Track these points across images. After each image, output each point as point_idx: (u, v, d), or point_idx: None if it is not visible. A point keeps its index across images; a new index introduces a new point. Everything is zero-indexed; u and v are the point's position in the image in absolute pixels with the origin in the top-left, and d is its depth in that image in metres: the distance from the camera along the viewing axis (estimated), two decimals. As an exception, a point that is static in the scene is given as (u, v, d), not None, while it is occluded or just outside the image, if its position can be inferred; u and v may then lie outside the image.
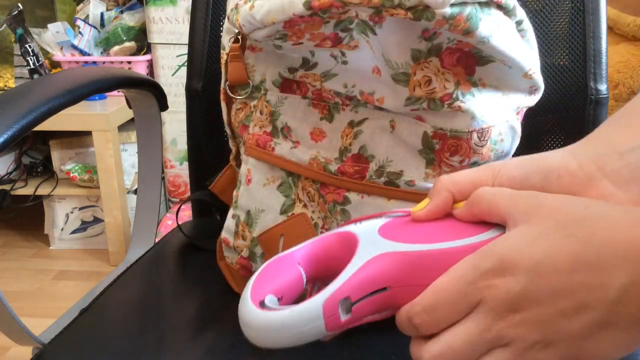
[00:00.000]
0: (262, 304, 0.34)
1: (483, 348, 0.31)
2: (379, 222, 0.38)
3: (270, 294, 0.36)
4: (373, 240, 0.36)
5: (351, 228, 0.39)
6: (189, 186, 0.96)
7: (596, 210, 0.30)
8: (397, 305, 0.35)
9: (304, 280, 0.39)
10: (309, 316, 0.33)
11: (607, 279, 0.28)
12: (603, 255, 0.28)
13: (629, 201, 0.33)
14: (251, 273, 0.59)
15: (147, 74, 1.79)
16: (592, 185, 0.34)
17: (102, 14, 1.81)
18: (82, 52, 1.75)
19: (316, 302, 0.33)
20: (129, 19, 1.75)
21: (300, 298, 0.38)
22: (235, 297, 0.62)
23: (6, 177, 1.87)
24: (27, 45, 1.72)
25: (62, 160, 1.82)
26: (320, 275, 0.40)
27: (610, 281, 0.27)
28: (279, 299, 0.36)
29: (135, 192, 1.78)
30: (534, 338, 0.30)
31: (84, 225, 1.87)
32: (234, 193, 0.59)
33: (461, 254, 0.33)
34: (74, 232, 1.88)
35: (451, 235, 0.35)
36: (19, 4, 1.74)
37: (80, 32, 1.75)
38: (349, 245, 0.37)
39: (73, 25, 1.79)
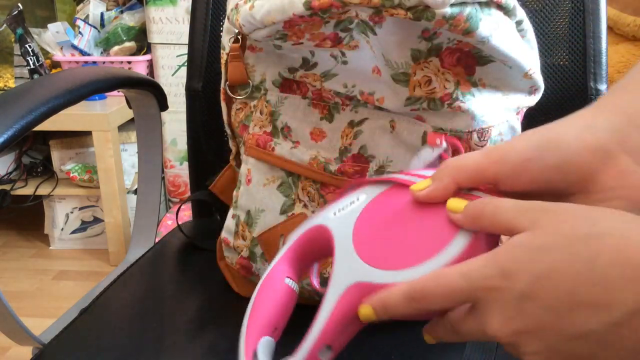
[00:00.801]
0: (254, 357, 0.37)
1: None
2: (355, 212, 0.38)
3: (263, 337, 0.38)
4: (346, 250, 0.37)
5: (325, 221, 0.39)
6: (189, 186, 0.96)
7: (605, 226, 0.28)
8: None
9: (296, 290, 0.41)
10: None
11: (611, 301, 0.27)
12: (608, 276, 0.27)
13: None
14: (251, 273, 0.59)
15: (147, 74, 1.79)
16: (611, 162, 0.32)
17: (102, 14, 1.81)
18: (82, 52, 1.75)
19: None
20: (129, 19, 1.75)
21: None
22: (235, 297, 0.62)
23: (6, 177, 1.87)
24: (27, 45, 1.72)
25: (62, 160, 1.82)
26: (310, 264, 0.42)
27: (615, 303, 0.26)
28: (273, 331, 0.39)
29: (135, 192, 1.78)
30: (530, 349, 0.29)
31: (84, 225, 1.87)
32: (234, 193, 0.59)
33: None
34: (74, 232, 1.88)
35: (427, 246, 0.34)
36: (19, 4, 1.74)
37: (80, 32, 1.75)
38: (326, 240, 0.38)
39: (73, 25, 1.79)
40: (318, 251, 0.41)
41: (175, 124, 1.78)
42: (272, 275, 0.40)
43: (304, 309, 0.46)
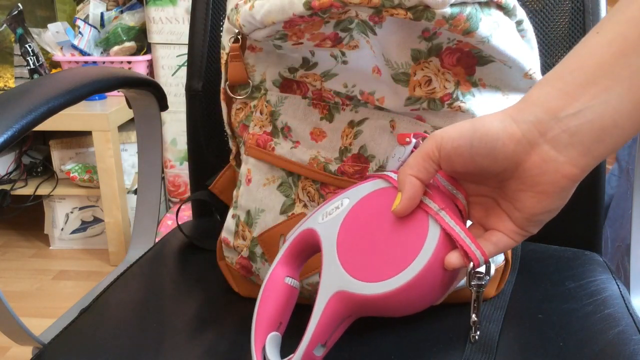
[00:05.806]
0: (263, 355, 0.43)
1: None
2: (339, 218, 0.43)
3: (270, 332, 0.44)
4: (331, 258, 0.42)
5: (315, 225, 0.45)
6: (189, 186, 0.96)
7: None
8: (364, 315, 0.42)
9: (296, 286, 0.47)
10: None
11: None
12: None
13: (569, 164, 0.36)
14: (251, 273, 0.60)
15: (147, 74, 1.79)
16: (534, 150, 0.36)
17: (102, 14, 1.81)
18: (82, 52, 1.75)
19: None
20: (129, 19, 1.75)
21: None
22: (235, 297, 0.62)
23: (6, 177, 1.87)
24: (27, 45, 1.72)
25: (62, 160, 1.82)
26: (307, 260, 0.48)
27: None
28: (279, 326, 0.45)
29: (135, 192, 1.78)
30: None
31: (84, 225, 1.87)
32: (234, 193, 0.59)
33: (403, 292, 0.38)
34: (74, 232, 1.88)
35: (401, 258, 0.39)
36: (19, 4, 1.74)
37: (80, 32, 1.75)
38: (317, 242, 0.44)
39: (73, 25, 1.79)
40: (312, 249, 0.46)
41: (175, 124, 1.78)
42: (272, 276, 0.46)
43: (305, 308, 0.46)
